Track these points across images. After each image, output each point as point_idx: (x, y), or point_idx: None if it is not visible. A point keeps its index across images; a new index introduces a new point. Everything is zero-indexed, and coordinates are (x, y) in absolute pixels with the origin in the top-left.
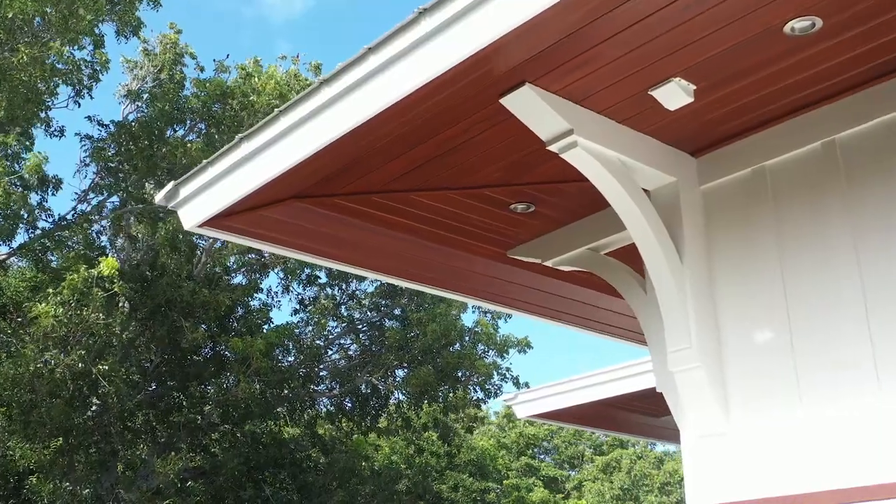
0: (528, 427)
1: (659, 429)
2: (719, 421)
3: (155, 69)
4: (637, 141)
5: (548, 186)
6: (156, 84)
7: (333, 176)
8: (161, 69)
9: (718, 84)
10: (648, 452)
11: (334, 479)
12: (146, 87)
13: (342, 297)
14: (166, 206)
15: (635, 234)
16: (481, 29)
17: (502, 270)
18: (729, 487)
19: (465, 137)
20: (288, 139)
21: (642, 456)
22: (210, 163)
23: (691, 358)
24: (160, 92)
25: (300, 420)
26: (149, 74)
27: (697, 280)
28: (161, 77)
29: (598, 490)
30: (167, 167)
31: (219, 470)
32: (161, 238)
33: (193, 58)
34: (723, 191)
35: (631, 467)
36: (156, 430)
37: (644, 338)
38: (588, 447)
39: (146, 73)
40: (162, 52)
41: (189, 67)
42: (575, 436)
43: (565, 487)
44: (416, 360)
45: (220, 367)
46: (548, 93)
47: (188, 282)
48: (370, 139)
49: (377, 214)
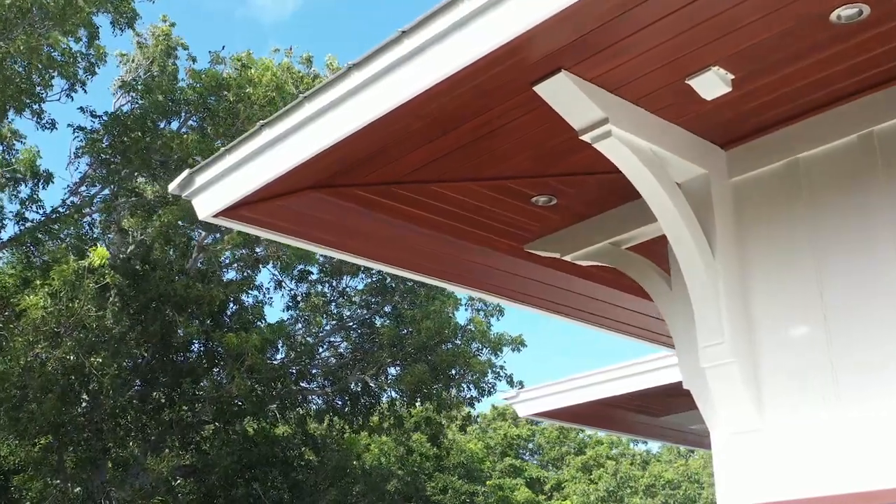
0: (512, 428)
1: (659, 428)
2: (752, 418)
3: (147, 61)
4: (669, 131)
5: (571, 178)
6: (148, 76)
7: (355, 166)
8: (153, 61)
9: (757, 73)
10: (634, 454)
11: (326, 477)
12: (139, 78)
13: (332, 295)
14: (180, 195)
15: (667, 227)
16: (521, 13)
17: (518, 266)
18: (762, 487)
19: (494, 126)
20: (312, 126)
21: (627, 456)
22: (228, 150)
23: (724, 353)
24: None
25: (291, 418)
26: (141, 66)
27: (729, 274)
28: (153, 69)
29: (583, 491)
30: (160, 160)
31: (211, 468)
32: (155, 231)
33: (185, 49)
34: (754, 184)
35: (616, 469)
36: (147, 428)
37: (658, 336)
38: (572, 448)
39: (138, 65)
40: (154, 45)
41: (181, 59)
42: (559, 437)
43: (549, 488)
44: (409, 358)
45: (214, 364)
46: (583, 80)
47: (181, 276)
48: (396, 127)
49: (395, 206)
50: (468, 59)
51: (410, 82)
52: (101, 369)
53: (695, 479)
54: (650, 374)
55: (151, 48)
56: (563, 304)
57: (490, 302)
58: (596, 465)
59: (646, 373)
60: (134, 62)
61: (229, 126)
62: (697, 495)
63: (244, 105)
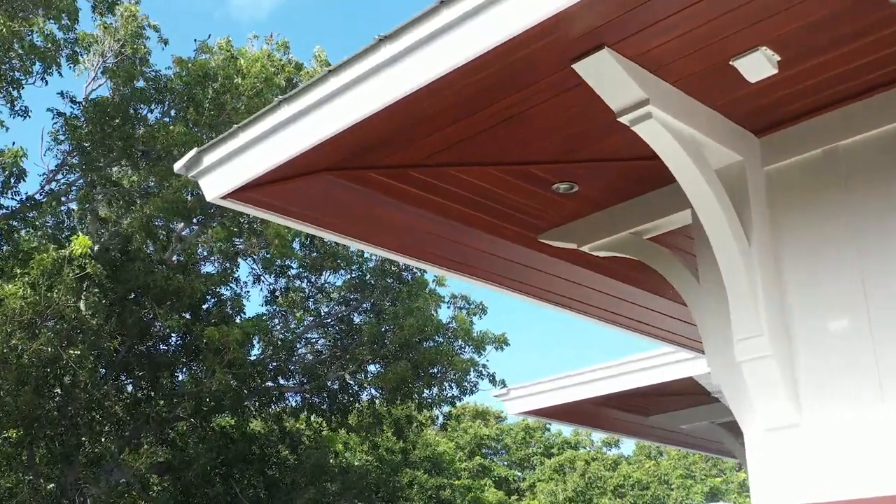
0: (482, 428)
1: (648, 428)
2: (790, 414)
3: (118, 44)
4: (706, 116)
5: (595, 165)
6: (119, 60)
7: (373, 147)
8: (123, 44)
9: (804, 56)
10: (603, 455)
11: (304, 475)
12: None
13: (311, 291)
14: (186, 175)
15: (703, 214)
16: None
17: (528, 256)
18: (800, 486)
19: (523, 108)
20: (335, 103)
21: (596, 458)
22: (242, 128)
23: (762, 347)
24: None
25: (269, 415)
26: (110, 50)
27: (765, 265)
28: (125, 51)
29: (551, 491)
30: (142, 149)
31: (188, 465)
32: (136, 222)
33: (157, 31)
34: (789, 172)
35: (585, 469)
36: (122, 423)
37: (667, 334)
38: (539, 449)
39: (106, 49)
40: (123, 26)
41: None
42: (525, 437)
43: (517, 488)
44: (391, 356)
45: (193, 358)
46: (625, 59)
47: (161, 267)
48: (423, 106)
49: (409, 191)
50: (509, 34)
51: (445, 57)
52: (79, 362)
53: (664, 479)
54: (641, 373)
55: (120, 30)
56: (571, 298)
57: (496, 295)
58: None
59: (637, 371)
60: (104, 45)
61: (215, 117)
62: (666, 496)
63: (231, 96)
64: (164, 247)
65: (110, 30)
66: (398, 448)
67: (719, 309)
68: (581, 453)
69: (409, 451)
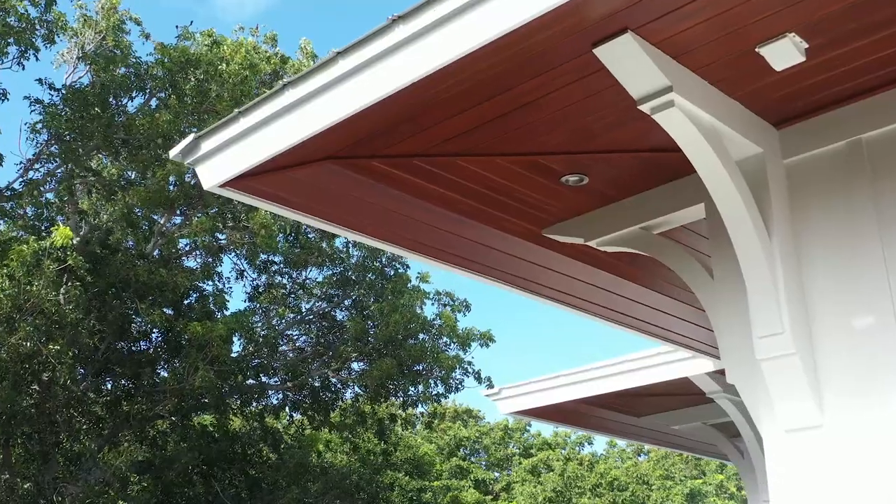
0: (461, 429)
1: (640, 429)
2: (813, 414)
3: (99, 36)
4: (727, 105)
5: (606, 157)
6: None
7: (379, 134)
8: (104, 36)
9: (833, 43)
10: (580, 455)
11: (287, 475)
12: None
13: (292, 287)
14: (182, 162)
15: (724, 207)
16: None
17: (532, 252)
18: (823, 491)
19: (540, 94)
20: (343, 87)
21: (571, 458)
22: (242, 112)
23: (785, 344)
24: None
25: (251, 414)
26: (89, 42)
27: (786, 260)
28: (106, 43)
29: (530, 492)
30: (123, 138)
31: (169, 464)
32: (118, 213)
33: (138, 24)
34: (811, 165)
35: (564, 469)
36: (102, 421)
37: (672, 335)
38: (518, 449)
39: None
40: (104, 17)
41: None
42: (504, 437)
43: (496, 489)
44: (375, 352)
45: (175, 354)
46: (648, 44)
47: (143, 261)
48: (436, 91)
49: (412, 181)
50: (529, 16)
51: (463, 39)
52: (58, 357)
53: (643, 480)
54: (636, 373)
55: (101, 22)
56: (573, 295)
57: (502, 291)
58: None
59: (631, 371)
60: (83, 36)
61: (198, 105)
62: (646, 497)
63: (215, 83)
64: (145, 238)
65: (90, 22)
66: (379, 450)
67: (735, 305)
68: (556, 453)
69: (391, 452)
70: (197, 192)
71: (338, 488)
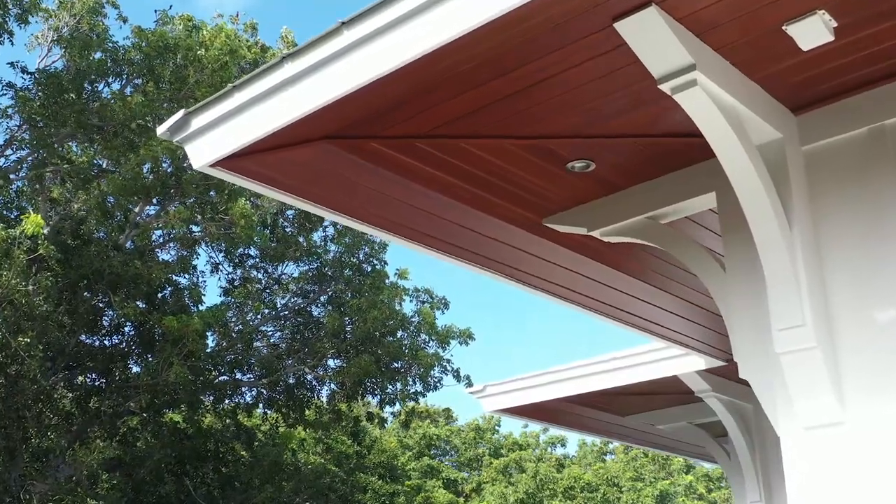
0: (431, 427)
1: (624, 428)
2: (834, 410)
3: (74, 19)
4: (748, 88)
5: (614, 142)
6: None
7: (381, 113)
8: (80, 19)
9: (862, 23)
10: (551, 456)
11: (261, 473)
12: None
13: (267, 282)
14: (171, 140)
15: (744, 194)
16: None
17: (532, 242)
18: (844, 490)
19: (554, 71)
20: (348, 59)
21: (542, 458)
22: (237, 87)
23: (806, 337)
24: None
25: (224, 411)
26: (65, 25)
27: (807, 250)
28: (81, 27)
29: (501, 493)
30: (98, 124)
31: (141, 462)
32: (92, 201)
33: (115, 7)
34: (830, 152)
35: (536, 471)
36: (72, 416)
37: (671, 335)
38: (488, 449)
39: (63, 23)
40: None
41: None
42: (475, 438)
43: (466, 490)
44: (353, 349)
45: (149, 349)
46: (672, 19)
47: (117, 252)
48: (446, 65)
49: (412, 164)
50: None
51: (478, 9)
52: (28, 350)
53: (613, 482)
54: (623, 371)
55: (77, 4)
56: (569, 289)
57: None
58: (514, 466)
59: (618, 370)
60: (59, 19)
61: (176, 91)
62: (617, 499)
63: (194, 68)
64: (120, 229)
65: (66, 3)
66: (353, 451)
67: (749, 298)
68: (527, 453)
69: (364, 454)
70: (174, 181)
71: (312, 488)
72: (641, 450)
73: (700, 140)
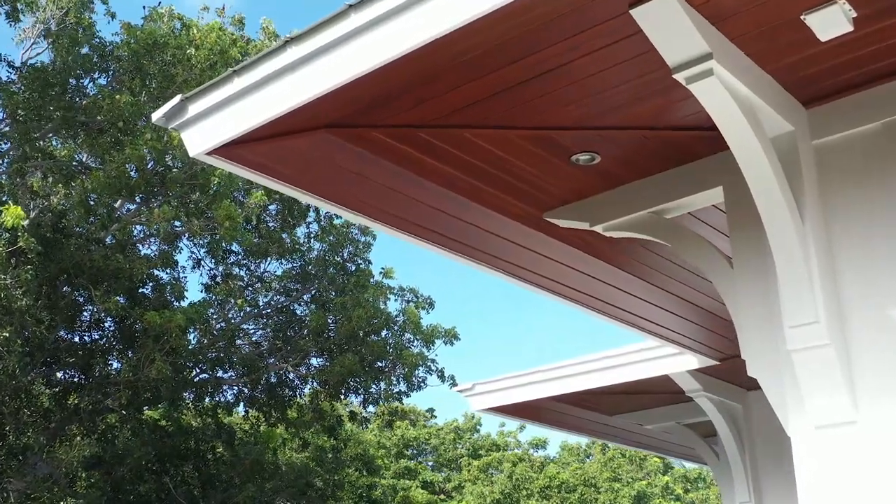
0: (409, 429)
1: (611, 428)
2: (847, 409)
3: (61, 12)
4: (762, 79)
5: (621, 134)
6: (62, 27)
7: (385, 101)
8: (67, 12)
9: (882, 13)
10: (530, 456)
11: (243, 472)
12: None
13: (250, 279)
14: (166, 127)
15: (758, 188)
16: None
17: (531, 237)
18: (857, 491)
19: (564, 60)
20: (355, 43)
21: (523, 459)
22: (237, 72)
23: (819, 334)
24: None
25: (205, 409)
26: (52, 17)
27: (819, 246)
28: (68, 20)
29: (480, 493)
30: (84, 120)
31: (120, 460)
32: (77, 197)
33: (104, 3)
34: (842, 147)
35: (513, 471)
36: (50, 413)
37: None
38: (467, 450)
39: (50, 16)
40: None
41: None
42: (455, 439)
43: (444, 490)
44: (336, 348)
45: (130, 345)
46: (689, 6)
47: (98, 246)
48: (453, 52)
49: (413, 155)
50: None
51: None
52: (6, 345)
53: (591, 482)
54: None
55: None
56: (566, 285)
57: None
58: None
59: (609, 368)
60: (46, 12)
61: (163, 90)
62: (594, 499)
63: (183, 67)
64: (103, 225)
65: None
66: (329, 446)
67: (757, 294)
68: (508, 454)
69: (341, 448)
70: (158, 179)
71: (292, 487)
72: (619, 450)
73: (708, 134)
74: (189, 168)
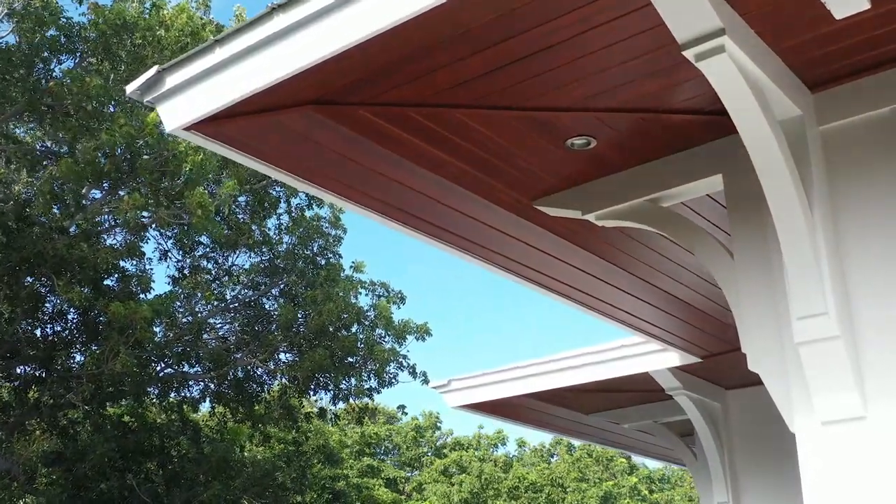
0: (369, 426)
1: (587, 427)
2: (856, 404)
3: None
4: (771, 59)
5: (620, 117)
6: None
7: (374, 77)
8: None
9: None
10: (494, 457)
11: (210, 469)
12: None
13: (217, 272)
14: (141, 101)
15: (766, 173)
16: None
17: (519, 226)
18: (865, 489)
19: (569, 34)
20: (346, 12)
21: (485, 458)
22: (220, 42)
23: (828, 327)
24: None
25: (170, 404)
26: None
27: (828, 234)
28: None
29: (444, 493)
30: (50, 103)
31: (82, 456)
32: (45, 185)
33: None
34: (850, 133)
35: (481, 471)
36: (9, 407)
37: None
38: (428, 450)
39: None
40: None
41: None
42: (416, 437)
43: (408, 489)
44: (306, 343)
45: (94, 337)
46: None
47: (62, 234)
48: (452, 24)
49: (402, 136)
50: None
51: None
52: None
53: (558, 482)
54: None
55: None
56: (553, 278)
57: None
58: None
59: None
60: None
61: (133, 72)
62: (561, 499)
63: (152, 49)
64: (70, 215)
65: None
66: (290, 438)
67: (759, 285)
68: (470, 454)
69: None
70: (127, 166)
71: (258, 485)
72: (586, 450)
73: (708, 118)
74: (159, 154)
